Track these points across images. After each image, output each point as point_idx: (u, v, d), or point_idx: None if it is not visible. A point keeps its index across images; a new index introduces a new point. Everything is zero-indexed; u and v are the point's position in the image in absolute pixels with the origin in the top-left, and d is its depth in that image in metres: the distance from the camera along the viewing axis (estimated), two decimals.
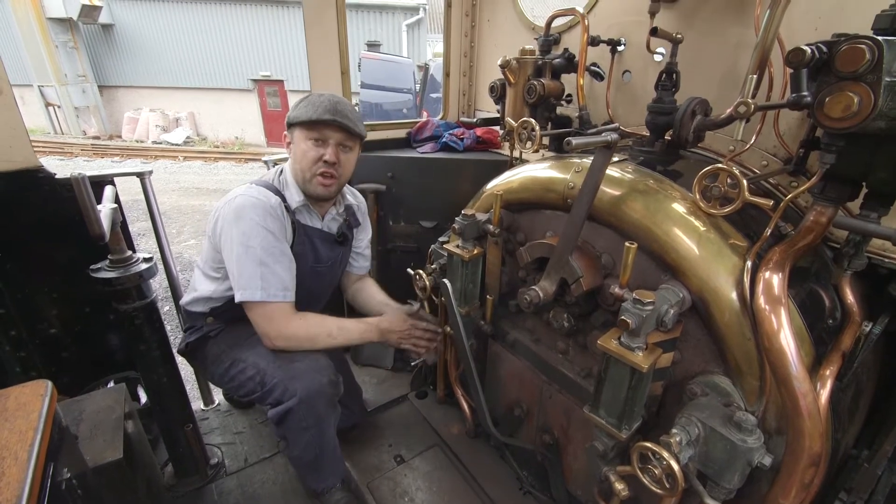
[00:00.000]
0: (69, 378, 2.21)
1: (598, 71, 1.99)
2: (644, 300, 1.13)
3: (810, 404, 1.02)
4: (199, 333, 1.92)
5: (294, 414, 1.70)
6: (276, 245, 1.72)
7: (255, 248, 1.68)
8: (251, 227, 1.68)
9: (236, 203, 1.71)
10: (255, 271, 1.68)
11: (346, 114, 1.76)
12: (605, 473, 1.37)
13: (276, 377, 1.72)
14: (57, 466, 1.21)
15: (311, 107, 1.73)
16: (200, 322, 1.93)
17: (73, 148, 14.25)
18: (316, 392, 1.71)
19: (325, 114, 1.71)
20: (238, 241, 1.68)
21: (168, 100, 17.28)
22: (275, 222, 1.73)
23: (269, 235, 1.70)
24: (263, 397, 1.76)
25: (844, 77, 1.00)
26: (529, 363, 1.88)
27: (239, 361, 1.82)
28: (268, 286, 1.69)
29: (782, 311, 1.06)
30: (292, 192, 1.85)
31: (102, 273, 1.64)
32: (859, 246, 1.23)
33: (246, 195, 1.73)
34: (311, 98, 1.77)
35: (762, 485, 1.16)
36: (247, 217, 1.68)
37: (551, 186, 1.59)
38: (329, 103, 1.74)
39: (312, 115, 1.71)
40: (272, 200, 1.75)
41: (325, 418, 1.79)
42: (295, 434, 1.76)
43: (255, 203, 1.71)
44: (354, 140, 1.85)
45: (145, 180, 2.11)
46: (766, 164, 1.60)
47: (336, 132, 1.77)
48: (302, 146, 1.78)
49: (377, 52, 10.08)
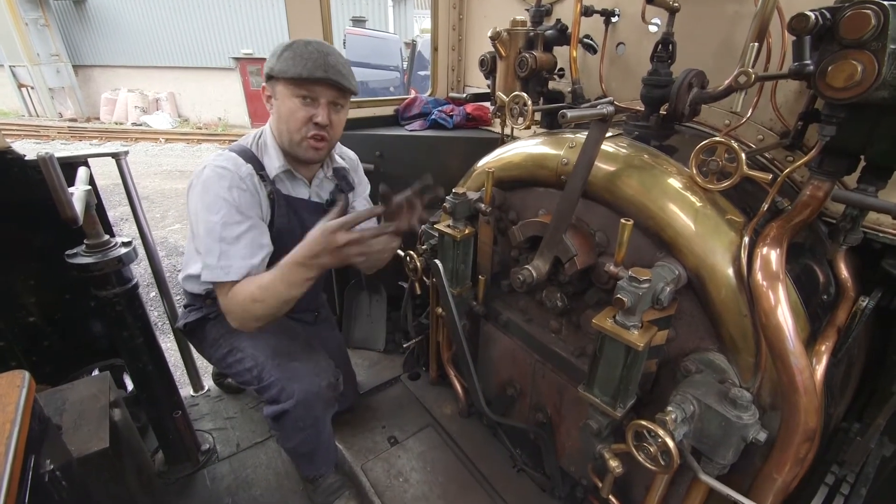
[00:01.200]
0: (51, 367, 2.15)
1: (591, 43, 1.92)
2: (640, 278, 1.10)
3: (806, 380, 1.01)
4: (198, 314, 1.83)
5: (290, 415, 1.66)
6: (240, 219, 1.55)
7: (217, 223, 1.51)
8: (214, 200, 1.52)
9: (204, 175, 1.55)
10: (213, 248, 1.52)
11: (338, 69, 1.55)
12: (600, 451, 1.38)
13: (274, 375, 1.66)
14: (39, 459, 1.17)
15: (300, 60, 1.51)
16: (200, 302, 1.84)
17: (48, 131, 13.75)
18: (314, 395, 1.66)
19: (318, 70, 1.51)
20: (200, 217, 1.54)
21: (147, 80, 16.69)
22: (242, 195, 1.56)
23: (233, 209, 1.53)
24: (260, 391, 1.71)
25: (848, 44, 0.96)
26: (522, 343, 1.87)
27: (237, 350, 1.75)
28: (228, 265, 1.52)
29: (780, 287, 1.05)
30: (272, 156, 1.67)
31: (79, 258, 1.58)
32: (856, 220, 1.22)
33: (213, 165, 1.56)
34: (297, 48, 1.53)
35: (756, 459, 1.17)
36: (211, 190, 1.53)
37: (544, 163, 1.55)
38: (319, 55, 1.52)
39: (302, 72, 1.50)
40: (242, 170, 1.58)
41: (322, 419, 1.76)
42: (290, 433, 1.73)
43: (221, 174, 1.54)
44: (346, 97, 1.65)
45: (121, 161, 2.02)
46: (762, 138, 1.57)
47: (328, 90, 1.57)
48: (288, 104, 1.57)
49: (363, 29, 9.78)
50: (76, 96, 16.37)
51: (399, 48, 9.36)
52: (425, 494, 1.99)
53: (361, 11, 14.75)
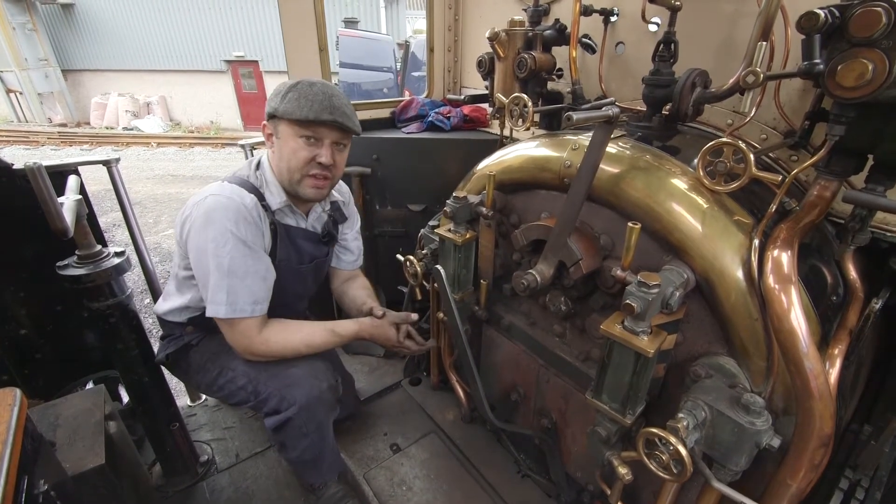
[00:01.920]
0: (44, 380, 2.11)
1: (590, 43, 1.90)
2: (650, 283, 1.08)
3: (821, 385, 0.99)
4: (179, 343, 1.78)
5: (293, 422, 1.63)
6: (247, 254, 1.55)
7: (224, 257, 1.51)
8: (221, 234, 1.50)
9: (206, 204, 1.52)
10: (221, 284, 1.52)
11: (343, 110, 1.56)
12: (608, 458, 1.35)
13: (271, 386, 1.63)
14: (32, 479, 1.14)
15: (305, 102, 1.51)
16: (179, 331, 1.80)
17: (38, 136, 13.60)
18: (316, 399, 1.64)
19: (324, 113, 1.51)
20: (206, 250, 1.51)
21: (138, 83, 16.55)
22: (248, 227, 1.55)
23: (240, 243, 1.52)
24: (258, 406, 1.67)
25: (858, 43, 0.95)
26: (526, 347, 1.84)
27: (227, 370, 1.71)
28: (235, 300, 1.54)
29: (793, 290, 1.03)
30: (273, 191, 1.65)
31: (70, 270, 1.53)
32: (865, 220, 1.20)
33: (217, 195, 1.53)
34: (302, 89, 1.53)
35: (768, 465, 1.15)
36: (217, 221, 1.50)
37: (547, 165, 1.53)
38: (324, 97, 1.53)
39: (308, 115, 1.51)
40: (247, 200, 1.56)
41: (326, 423, 1.73)
42: (294, 441, 1.70)
43: (226, 205, 1.51)
44: (349, 137, 1.67)
45: (112, 168, 1.98)
46: (766, 137, 1.56)
47: (332, 131, 1.58)
48: (291, 144, 1.57)
49: (355, 30, 9.73)
50: (66, 101, 16.22)
51: (392, 49, 9.33)
52: (429, 502, 1.96)
53: (353, 12, 14.69)
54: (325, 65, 2.39)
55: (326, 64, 2.40)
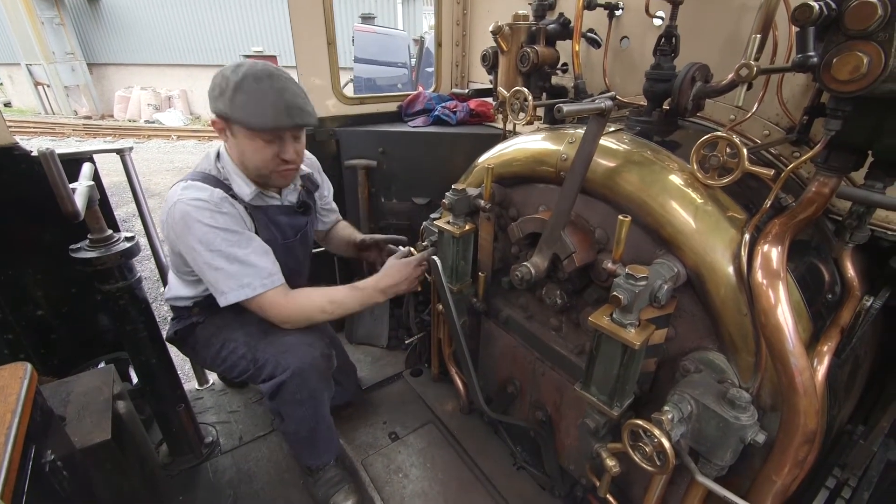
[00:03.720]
0: (59, 360, 2.20)
1: (594, 37, 1.89)
2: (637, 275, 1.08)
3: (806, 381, 0.98)
4: (186, 322, 1.86)
5: (287, 387, 1.68)
6: (238, 240, 1.59)
7: (220, 249, 1.55)
8: (204, 233, 1.53)
9: (178, 212, 1.54)
10: (229, 271, 1.57)
11: (300, 107, 1.52)
12: (597, 450, 1.36)
13: (268, 353, 1.69)
14: (40, 449, 1.19)
15: (259, 108, 1.46)
16: (186, 313, 1.87)
17: (64, 128, 14.00)
18: (309, 365, 1.68)
19: (283, 118, 1.49)
20: (198, 250, 1.56)
21: (160, 77, 16.91)
22: (226, 217, 1.57)
23: (227, 234, 1.56)
24: (256, 375, 1.73)
25: (854, 35, 0.93)
26: (522, 340, 1.85)
27: (230, 341, 1.78)
28: (249, 281, 1.60)
29: (780, 285, 1.02)
30: (239, 183, 1.66)
31: (82, 253, 1.60)
32: (862, 218, 1.19)
33: (184, 200, 1.53)
34: (248, 88, 1.45)
35: (755, 461, 1.14)
36: (194, 225, 1.53)
37: (544, 159, 1.53)
38: (277, 98, 1.47)
39: (267, 123, 1.48)
40: (215, 196, 1.56)
41: (319, 392, 1.77)
42: (289, 408, 1.74)
43: (197, 206, 1.53)
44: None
45: (126, 157, 2.04)
46: (768, 133, 1.54)
47: (292, 129, 1.58)
48: (251, 145, 1.56)
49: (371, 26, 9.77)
50: (91, 94, 16.64)
51: (407, 45, 9.33)
52: (424, 491, 1.99)
53: (371, 8, 14.75)
54: (333, 58, 2.43)
55: (334, 57, 2.43)
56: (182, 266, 1.73)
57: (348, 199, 2.75)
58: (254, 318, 1.73)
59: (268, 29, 15.83)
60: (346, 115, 2.63)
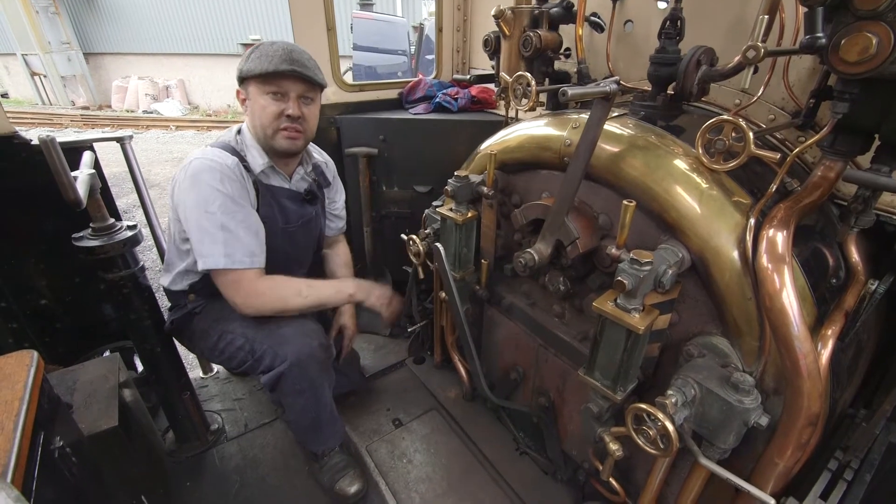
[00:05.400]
0: (64, 349, 2.21)
1: (597, 21, 1.86)
2: (641, 260, 1.08)
3: (810, 364, 0.99)
4: (182, 311, 1.87)
5: (286, 378, 1.69)
6: (237, 209, 1.63)
7: (215, 213, 1.58)
8: (209, 192, 1.58)
9: (191, 168, 1.61)
10: (216, 237, 1.59)
11: (303, 62, 1.63)
12: (600, 434, 1.37)
13: (266, 344, 1.70)
14: (49, 435, 1.20)
15: (265, 57, 1.59)
16: (183, 300, 1.87)
17: (62, 119, 13.91)
18: (307, 355, 1.69)
19: (283, 64, 1.58)
20: (196, 208, 1.59)
21: (157, 67, 16.73)
22: (233, 184, 1.63)
23: (228, 199, 1.61)
24: (255, 366, 1.74)
25: (863, 16, 0.92)
26: (525, 327, 1.86)
27: (227, 333, 1.78)
28: (232, 252, 1.61)
29: (786, 269, 1.02)
30: (254, 154, 1.74)
31: (85, 241, 1.59)
32: (868, 202, 1.18)
33: (201, 158, 1.62)
34: (263, 48, 1.63)
35: (758, 444, 1.15)
36: (203, 182, 1.58)
37: (547, 144, 1.52)
38: (284, 52, 1.60)
39: (268, 67, 1.58)
40: (229, 161, 1.64)
41: (319, 381, 1.78)
42: (290, 398, 1.76)
43: (210, 166, 1.60)
44: (315, 90, 1.73)
45: (126, 146, 2.03)
46: (774, 118, 1.52)
47: (296, 84, 1.65)
48: (260, 101, 1.65)
49: (370, 12, 9.64)
50: (87, 84, 16.49)
51: (406, 32, 9.22)
52: (429, 475, 2.01)
53: None
54: (332, 45, 2.40)
55: (334, 43, 2.40)
56: (179, 232, 1.73)
57: (349, 187, 2.74)
58: None
59: (266, 17, 15.63)
60: (346, 102, 2.61)
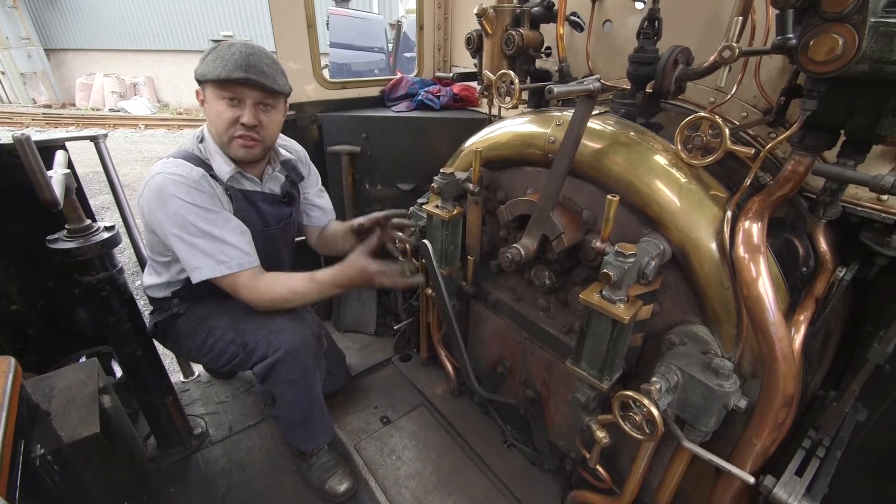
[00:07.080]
0: (37, 355, 2.13)
1: (577, 21, 1.91)
2: (626, 252, 1.12)
3: (785, 348, 1.04)
4: (166, 314, 1.82)
5: (280, 366, 1.67)
6: (213, 218, 1.58)
7: (195, 224, 1.54)
8: (179, 206, 1.52)
9: (155, 184, 1.53)
10: (203, 247, 1.55)
11: (261, 68, 1.53)
12: (587, 423, 1.41)
13: (258, 335, 1.68)
14: (29, 443, 1.17)
15: (220, 62, 1.50)
16: (166, 304, 1.83)
17: (22, 118, 13.27)
18: (301, 344, 1.68)
19: (236, 71, 1.49)
20: (173, 224, 1.54)
21: (124, 63, 16.13)
22: (202, 196, 1.57)
23: (202, 211, 1.55)
24: (246, 359, 1.71)
25: (830, 18, 0.97)
26: (511, 321, 1.89)
27: (216, 329, 1.75)
28: (224, 258, 1.58)
29: (761, 259, 1.08)
30: (219, 161, 1.65)
31: (60, 244, 1.54)
32: (835, 194, 1.24)
33: (163, 173, 1.54)
34: (220, 50, 1.53)
35: (736, 426, 1.21)
36: (171, 196, 1.52)
37: (531, 141, 1.55)
38: (240, 56, 1.50)
39: (221, 73, 1.49)
40: (194, 174, 1.57)
41: (312, 371, 1.77)
42: (282, 388, 1.74)
43: (175, 181, 1.53)
44: (276, 97, 1.63)
45: (100, 144, 1.97)
46: (746, 115, 1.59)
47: (252, 90, 1.55)
48: (216, 106, 1.56)
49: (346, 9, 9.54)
50: (49, 81, 15.79)
51: (384, 29, 9.16)
52: (418, 471, 2.03)
53: None
54: (313, 42, 2.38)
55: (315, 41, 2.38)
56: (156, 245, 1.69)
57: (332, 186, 2.72)
58: (238, 303, 1.70)
59: (239, 12, 15.26)
60: (327, 99, 2.59)
